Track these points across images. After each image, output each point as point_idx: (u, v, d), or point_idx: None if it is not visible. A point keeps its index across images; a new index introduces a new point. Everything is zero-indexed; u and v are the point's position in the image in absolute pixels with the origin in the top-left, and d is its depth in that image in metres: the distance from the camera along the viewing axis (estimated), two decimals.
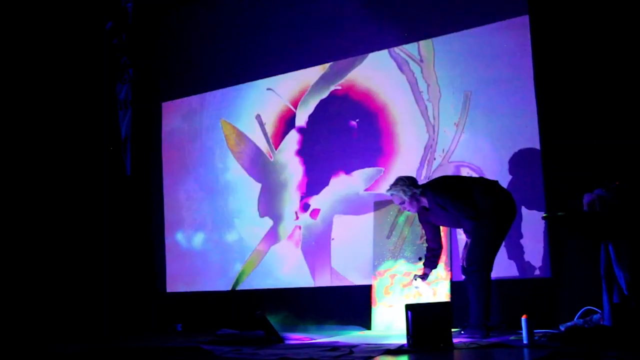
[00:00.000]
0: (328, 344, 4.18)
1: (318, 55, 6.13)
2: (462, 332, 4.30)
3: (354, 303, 5.52)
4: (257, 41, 6.48)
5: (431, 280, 4.82)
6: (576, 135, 4.69)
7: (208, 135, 6.76)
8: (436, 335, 3.64)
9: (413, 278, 4.73)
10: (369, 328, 5.19)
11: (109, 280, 6.61)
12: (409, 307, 3.68)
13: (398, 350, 3.69)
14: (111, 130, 6.84)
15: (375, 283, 5.31)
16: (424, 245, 4.81)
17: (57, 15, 6.62)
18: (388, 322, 5.10)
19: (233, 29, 6.68)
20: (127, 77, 6.84)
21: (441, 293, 4.89)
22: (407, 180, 4.57)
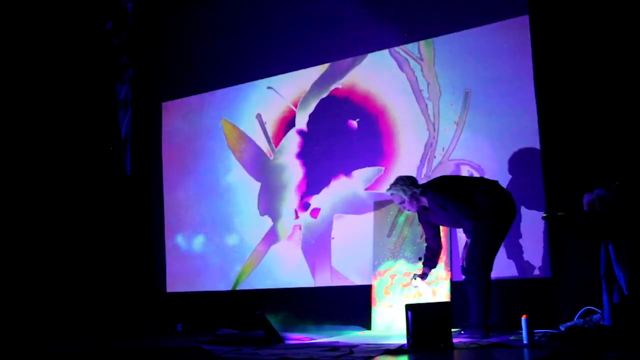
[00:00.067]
0: (328, 344, 4.18)
1: (318, 55, 6.13)
2: (462, 332, 4.30)
3: (354, 303, 5.52)
4: (257, 41, 6.48)
5: (431, 280, 4.83)
6: (576, 135, 4.69)
7: (208, 135, 6.76)
8: (436, 335, 3.64)
9: (412, 277, 4.73)
10: (369, 328, 5.19)
11: (109, 280, 6.61)
12: (409, 307, 3.68)
13: (398, 350, 3.69)
14: (111, 130, 6.85)
15: (375, 283, 5.31)
16: (424, 244, 4.81)
17: (58, 15, 6.62)
18: (388, 322, 5.10)
19: (233, 29, 6.68)
20: (127, 77, 6.85)
21: (441, 293, 4.89)
22: (407, 179, 4.57)
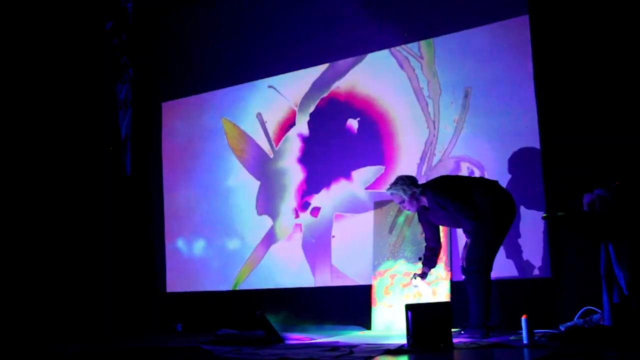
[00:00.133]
0: (328, 344, 4.18)
1: (318, 55, 6.13)
2: (462, 332, 4.30)
3: (354, 303, 5.52)
4: (257, 41, 6.48)
5: (431, 280, 4.83)
6: (576, 135, 4.68)
7: (208, 134, 6.76)
8: (436, 335, 3.64)
9: (412, 277, 4.73)
10: (369, 328, 5.19)
11: (109, 280, 6.61)
12: (409, 307, 3.68)
13: (398, 350, 3.69)
14: (111, 130, 6.85)
15: (375, 283, 5.31)
16: (424, 243, 4.81)
17: (58, 15, 6.62)
18: (388, 322, 5.10)
19: (233, 29, 6.68)
20: (127, 77, 6.85)
21: (441, 293, 4.89)
22: (407, 179, 4.57)
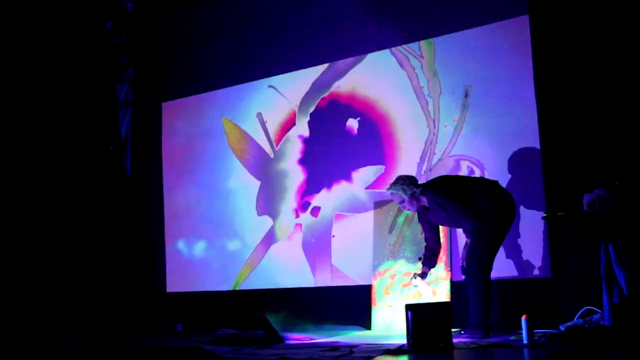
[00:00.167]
0: (328, 344, 4.18)
1: (318, 54, 6.13)
2: (462, 332, 4.30)
3: (354, 303, 5.52)
4: (257, 41, 6.48)
5: (431, 280, 4.83)
6: (576, 135, 4.68)
7: (208, 134, 6.76)
8: (436, 335, 3.64)
9: (412, 277, 4.73)
10: (369, 328, 5.19)
11: (109, 280, 6.61)
12: (409, 307, 3.68)
13: (398, 350, 3.69)
14: (111, 130, 6.85)
15: (375, 283, 5.31)
16: (424, 243, 4.81)
17: (58, 15, 6.62)
18: (388, 322, 5.10)
19: (233, 29, 6.68)
20: (127, 77, 6.85)
21: (441, 293, 4.89)
22: (407, 179, 4.57)
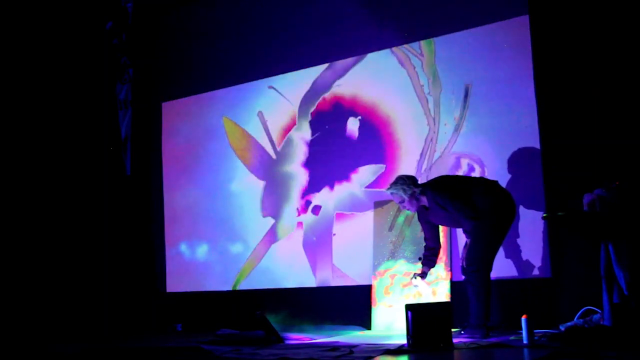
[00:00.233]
0: (328, 344, 4.18)
1: (318, 54, 6.13)
2: (462, 332, 4.30)
3: (354, 303, 5.52)
4: (258, 41, 6.48)
5: (431, 280, 4.83)
6: (576, 135, 4.69)
7: (208, 134, 6.76)
8: (436, 335, 3.64)
9: (412, 277, 4.73)
10: (369, 328, 5.19)
11: (109, 280, 6.61)
12: (409, 307, 3.68)
13: (398, 350, 3.69)
14: (111, 130, 6.85)
15: (375, 283, 5.31)
16: (424, 243, 4.80)
17: (58, 15, 6.62)
18: (388, 322, 5.10)
19: (233, 29, 6.68)
20: (127, 77, 6.85)
21: (441, 293, 4.89)
22: (407, 179, 4.57)
